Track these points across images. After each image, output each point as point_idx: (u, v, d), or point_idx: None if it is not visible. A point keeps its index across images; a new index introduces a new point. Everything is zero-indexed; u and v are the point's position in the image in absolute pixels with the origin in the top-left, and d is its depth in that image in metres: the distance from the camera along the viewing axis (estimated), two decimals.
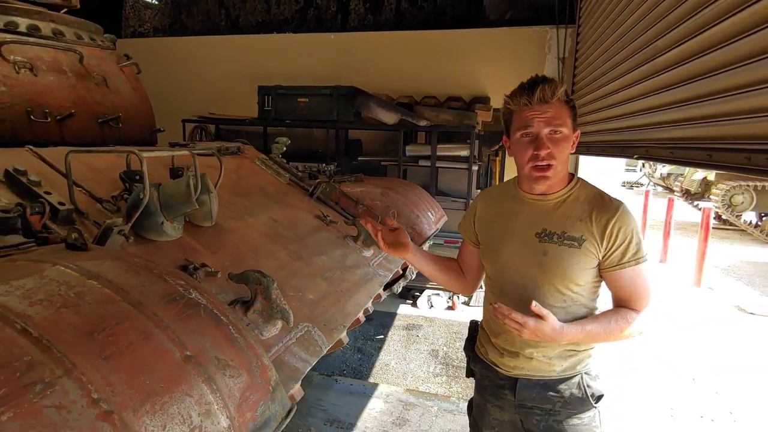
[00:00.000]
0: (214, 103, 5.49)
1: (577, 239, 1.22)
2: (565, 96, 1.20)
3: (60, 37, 2.55)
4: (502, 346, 1.34)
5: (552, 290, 1.25)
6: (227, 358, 0.94)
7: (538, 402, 1.33)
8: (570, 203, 1.27)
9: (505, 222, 1.34)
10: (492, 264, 1.36)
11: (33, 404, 0.63)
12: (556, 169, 1.21)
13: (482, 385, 1.44)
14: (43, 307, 0.77)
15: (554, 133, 1.18)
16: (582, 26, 4.19)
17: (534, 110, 1.18)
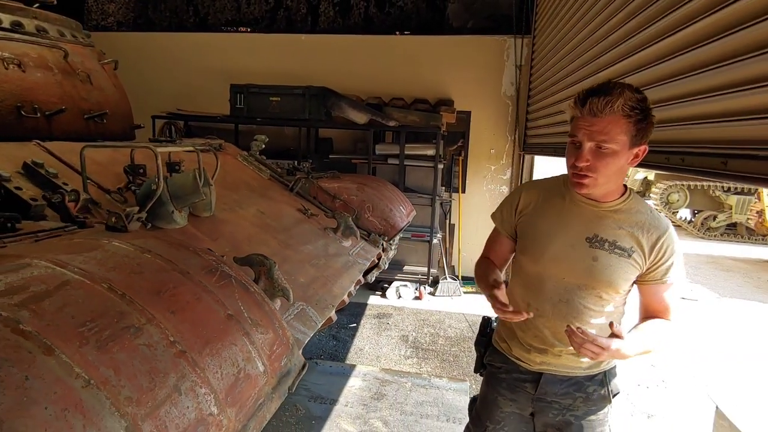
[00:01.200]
0: (182, 99, 5.50)
1: (626, 250, 1.24)
2: (629, 109, 1.13)
3: (44, 34, 2.60)
4: (530, 342, 1.35)
5: (593, 295, 1.27)
6: (257, 318, 1.14)
7: (559, 397, 1.35)
8: (622, 214, 1.27)
9: (553, 219, 1.32)
10: (534, 261, 1.33)
11: (131, 342, 0.81)
12: (597, 182, 1.21)
13: (497, 377, 1.45)
14: (117, 273, 0.95)
15: (599, 148, 1.17)
16: (537, 37, 4.57)
17: (584, 121, 1.17)
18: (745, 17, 1.24)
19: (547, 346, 1.33)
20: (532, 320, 1.30)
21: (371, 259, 2.84)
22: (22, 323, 0.71)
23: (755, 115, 1.19)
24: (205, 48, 5.51)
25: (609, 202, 1.28)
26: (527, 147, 4.78)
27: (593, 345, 1.12)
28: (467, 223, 5.21)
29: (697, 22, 1.49)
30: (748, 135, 1.23)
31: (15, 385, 0.63)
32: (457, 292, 4.88)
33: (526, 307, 1.34)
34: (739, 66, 1.26)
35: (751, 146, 1.22)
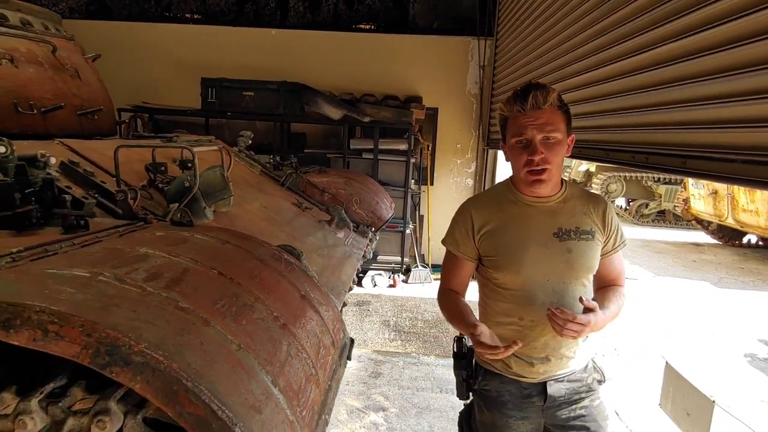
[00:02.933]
0: (144, 92, 5.36)
1: (589, 232, 1.30)
2: (558, 101, 1.23)
3: (29, 28, 2.56)
4: (531, 355, 1.32)
5: (577, 284, 1.31)
6: (320, 298, 1.31)
7: (567, 396, 1.36)
8: (570, 201, 1.33)
9: (517, 228, 1.32)
10: (515, 272, 1.31)
11: (251, 316, 0.97)
12: (551, 173, 1.25)
13: (499, 401, 1.39)
14: (216, 261, 1.09)
15: (547, 139, 1.22)
16: (499, 39, 4.90)
17: (527, 117, 1.22)
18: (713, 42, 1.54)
19: (548, 354, 1.32)
20: (529, 332, 1.30)
21: (363, 248, 3.03)
22: (179, 301, 0.86)
23: (711, 125, 1.50)
24: (169, 40, 5.39)
25: (556, 194, 1.33)
26: (491, 142, 5.13)
27: (574, 324, 1.14)
28: (436, 213, 5.51)
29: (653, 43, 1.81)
30: (705, 140, 1.55)
31: (197, 347, 0.79)
32: (428, 279, 5.18)
33: (518, 321, 1.32)
34: (702, 84, 1.57)
35: (707, 149, 1.53)
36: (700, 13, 1.54)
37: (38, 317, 0.71)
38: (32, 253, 0.97)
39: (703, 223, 8.20)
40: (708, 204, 7.52)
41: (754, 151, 1.31)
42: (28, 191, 1.34)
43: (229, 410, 0.74)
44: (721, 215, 7.20)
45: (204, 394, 0.73)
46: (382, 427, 2.32)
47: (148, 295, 0.85)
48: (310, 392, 1.00)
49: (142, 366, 0.72)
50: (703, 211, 7.73)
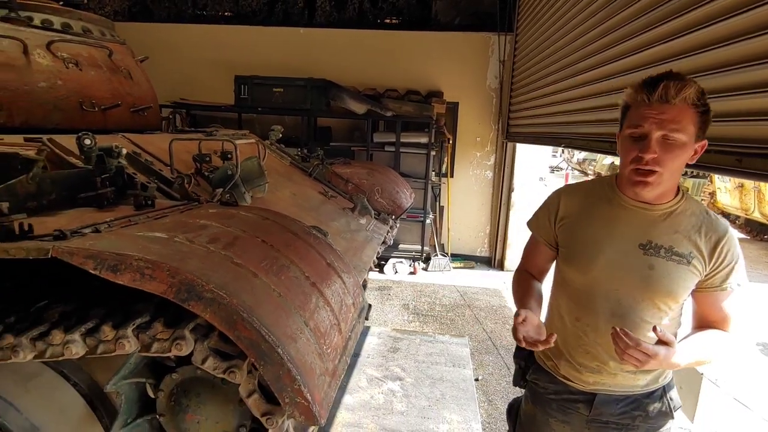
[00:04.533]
0: (181, 89, 5.73)
1: (685, 256, 1.14)
2: (696, 98, 1.04)
3: (89, 35, 2.89)
4: (581, 361, 1.25)
5: (650, 306, 1.17)
6: (342, 267, 1.55)
7: (617, 417, 1.25)
8: (677, 216, 1.16)
9: (599, 227, 1.22)
10: (582, 272, 1.23)
11: (287, 274, 1.22)
12: (661, 178, 1.09)
13: (545, 398, 1.35)
14: (259, 231, 1.35)
15: (667, 138, 1.06)
16: (519, 35, 5.03)
17: (651, 108, 1.07)
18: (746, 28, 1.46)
19: (600, 364, 1.23)
20: (582, 337, 1.23)
21: (383, 235, 3.27)
22: (234, 258, 1.12)
23: None
24: (205, 40, 5.73)
25: (663, 204, 1.17)
26: (510, 135, 5.27)
27: (638, 351, 1.01)
28: (455, 204, 5.69)
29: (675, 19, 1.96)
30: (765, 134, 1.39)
31: (248, 291, 1.04)
32: (447, 268, 5.38)
33: (575, 321, 1.26)
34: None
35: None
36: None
37: (137, 263, 0.98)
38: (120, 223, 1.24)
39: (730, 217, 8.08)
40: (734, 198, 7.43)
41: None
42: (104, 176, 1.63)
43: (273, 336, 0.99)
44: (747, 209, 7.11)
45: (255, 323, 0.98)
46: (399, 394, 2.56)
47: (211, 253, 1.11)
48: (333, 337, 1.25)
49: (211, 301, 0.97)
50: (729, 204, 7.63)
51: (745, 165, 1.45)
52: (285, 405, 1.01)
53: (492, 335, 3.69)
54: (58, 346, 1.09)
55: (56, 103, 2.46)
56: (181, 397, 1.23)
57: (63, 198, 1.51)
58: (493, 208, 5.72)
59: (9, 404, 1.25)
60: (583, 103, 2.95)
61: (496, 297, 4.61)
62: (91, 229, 1.14)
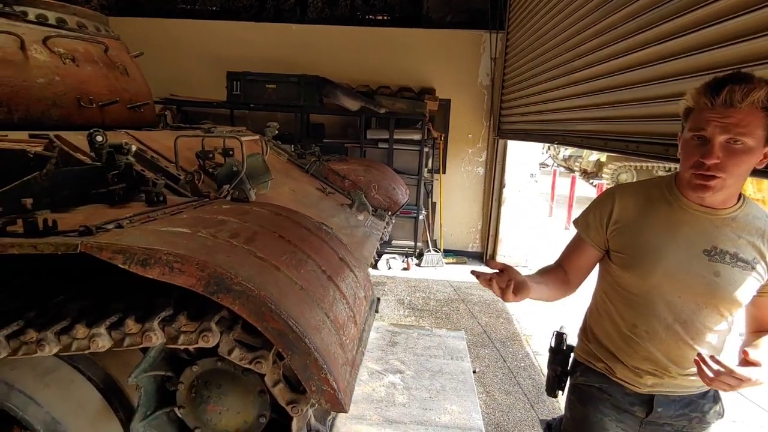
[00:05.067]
0: (171, 85, 5.67)
1: (749, 262, 1.11)
2: (767, 101, 0.99)
3: (85, 30, 2.86)
4: (639, 366, 1.23)
5: (713, 313, 1.15)
6: (353, 262, 1.59)
7: (674, 419, 1.24)
8: (741, 221, 1.14)
9: (661, 230, 1.18)
10: (643, 278, 1.19)
11: (306, 268, 1.26)
12: (724, 183, 1.06)
13: (597, 397, 1.31)
14: (275, 227, 1.38)
15: (732, 142, 1.02)
16: (510, 32, 5.10)
17: (714, 112, 1.02)
18: None
19: (660, 369, 1.20)
20: (640, 343, 1.21)
21: (381, 231, 3.31)
22: (257, 252, 1.15)
23: None
24: (195, 35, 5.68)
25: (726, 208, 1.13)
26: (501, 132, 5.35)
27: (731, 378, 0.97)
28: (447, 201, 5.76)
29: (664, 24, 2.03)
30: None
31: (273, 284, 1.08)
32: (440, 263, 5.45)
33: (632, 328, 1.23)
34: (679, 82, 1.80)
35: None
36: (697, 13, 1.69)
37: (167, 258, 1.00)
38: (140, 219, 1.26)
39: None
40: None
41: None
42: (113, 173, 1.64)
43: (300, 327, 1.02)
44: None
45: (283, 314, 1.01)
46: (399, 386, 2.61)
47: (234, 247, 1.14)
48: (350, 328, 1.29)
49: (240, 293, 1.01)
50: None
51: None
52: (312, 393, 1.04)
53: (487, 329, 3.77)
54: (84, 340, 1.11)
55: (55, 99, 2.44)
56: (202, 389, 1.26)
57: (75, 194, 1.51)
58: (485, 204, 5.81)
59: (29, 399, 1.27)
60: (576, 101, 3.02)
61: (489, 291, 4.66)
62: (114, 225, 1.16)
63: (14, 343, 1.14)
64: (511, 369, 3.14)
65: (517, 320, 4.02)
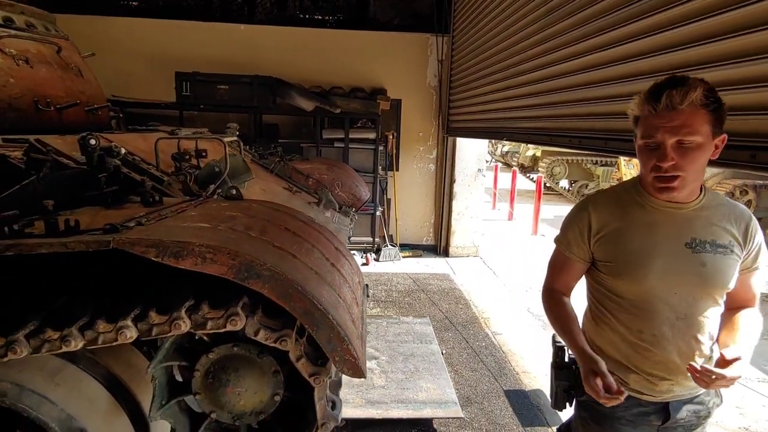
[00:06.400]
0: (113, 86, 5.42)
1: (727, 246, 1.17)
2: (705, 98, 1.05)
3: (34, 30, 2.76)
4: (652, 372, 1.23)
5: (710, 302, 1.19)
6: (345, 252, 1.73)
7: (687, 419, 1.26)
8: (708, 210, 1.19)
9: (643, 234, 1.20)
10: (637, 283, 1.20)
11: (313, 256, 1.38)
12: (685, 181, 1.11)
13: (612, 416, 1.28)
14: (278, 220, 1.48)
15: (683, 143, 1.07)
16: (456, 36, 5.40)
17: (659, 117, 1.08)
18: None
19: (673, 371, 1.21)
20: (649, 348, 1.22)
21: (347, 226, 3.44)
22: (273, 242, 1.26)
23: None
24: (138, 34, 5.47)
25: (693, 201, 1.19)
26: (450, 130, 5.65)
27: (725, 380, 1.06)
28: (401, 197, 5.98)
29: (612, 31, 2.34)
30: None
31: (294, 269, 1.19)
32: (397, 257, 5.66)
33: (638, 334, 1.23)
34: (612, 85, 2.09)
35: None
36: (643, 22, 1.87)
37: (199, 249, 1.09)
38: (153, 218, 1.32)
39: None
40: None
41: None
42: (101, 175, 1.65)
43: (322, 305, 1.15)
44: None
45: (308, 294, 1.14)
46: (377, 371, 2.77)
47: (253, 239, 1.24)
48: (355, 308, 1.43)
49: (268, 278, 1.12)
50: None
51: (759, 159, 1.45)
52: (335, 363, 1.18)
53: (448, 314, 4.02)
54: (111, 333, 1.17)
55: (10, 102, 2.36)
56: (220, 374, 1.35)
57: (68, 197, 1.52)
58: (437, 198, 6.09)
59: (43, 397, 1.30)
60: (521, 101, 3.33)
61: (446, 281, 4.96)
62: (135, 223, 1.22)
63: (35, 341, 1.17)
64: (474, 349, 3.40)
65: (475, 305, 4.31)
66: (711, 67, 1.56)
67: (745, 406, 2.81)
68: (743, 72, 1.47)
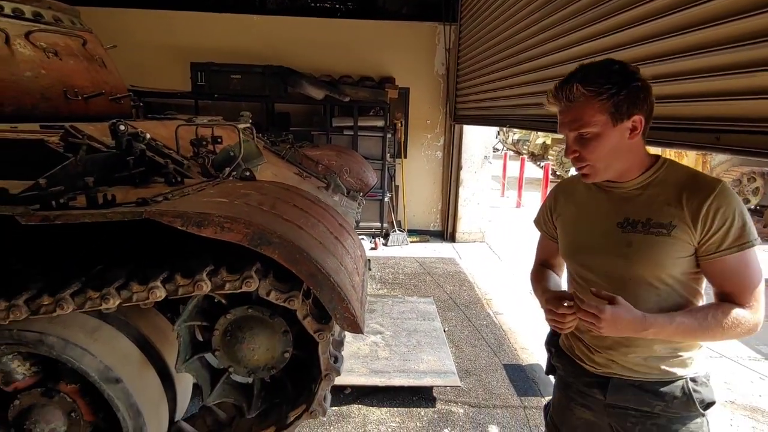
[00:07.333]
0: (131, 76, 5.63)
1: (665, 225, 1.09)
2: (594, 87, 1.04)
3: (61, 24, 2.94)
4: (590, 342, 1.24)
5: (644, 285, 1.13)
6: (348, 227, 1.89)
7: (633, 403, 1.20)
8: (654, 188, 1.13)
9: (582, 214, 1.25)
10: (573, 260, 1.26)
11: (318, 229, 1.55)
12: (594, 168, 1.12)
13: (566, 382, 1.34)
14: (287, 198, 1.65)
15: (582, 135, 1.09)
16: (463, 25, 5.47)
17: (561, 114, 1.11)
18: None
19: (609, 346, 1.20)
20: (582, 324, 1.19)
21: (355, 210, 3.61)
22: (283, 215, 1.43)
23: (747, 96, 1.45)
24: (155, 25, 5.66)
25: (634, 179, 1.15)
26: (457, 118, 5.75)
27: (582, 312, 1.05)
28: (409, 183, 6.12)
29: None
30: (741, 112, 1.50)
31: (301, 238, 1.36)
32: (405, 242, 5.82)
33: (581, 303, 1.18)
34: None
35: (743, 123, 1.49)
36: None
37: (218, 219, 1.27)
38: (176, 194, 1.50)
39: None
40: None
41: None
42: (129, 158, 1.83)
43: (325, 269, 1.32)
44: None
45: (313, 259, 1.31)
46: (381, 344, 2.95)
47: (265, 212, 1.41)
48: (355, 276, 1.59)
49: (278, 244, 1.29)
50: None
51: (723, 141, 1.50)
52: (336, 320, 1.35)
53: (452, 295, 4.18)
54: (143, 292, 1.36)
55: (42, 92, 2.55)
56: (236, 332, 1.53)
57: (102, 177, 1.70)
58: (444, 185, 6.22)
59: (84, 350, 1.49)
60: (525, 88, 3.43)
61: (451, 264, 5.12)
62: (162, 198, 1.39)
63: (79, 299, 1.36)
64: (476, 327, 3.56)
65: (478, 287, 4.47)
66: (683, 57, 1.67)
67: (734, 381, 2.93)
68: (708, 61, 1.56)
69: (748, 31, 1.40)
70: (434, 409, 2.55)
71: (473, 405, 2.60)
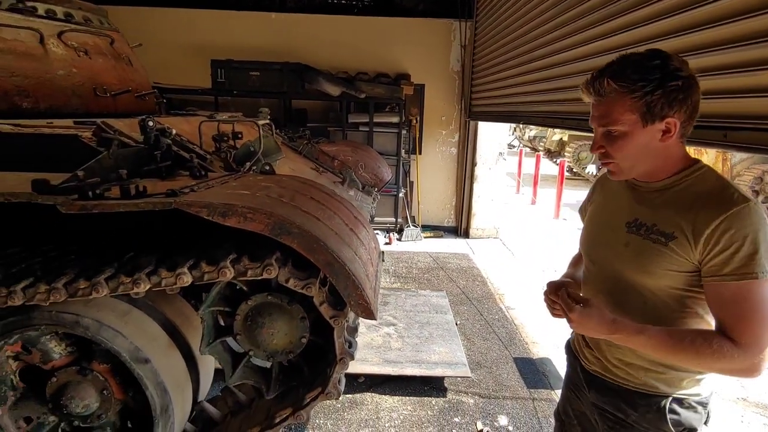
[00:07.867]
0: (154, 73, 5.78)
1: (666, 235, 1.04)
2: (628, 82, 0.98)
3: (90, 24, 3.07)
4: (587, 339, 1.26)
5: (631, 289, 1.12)
6: (364, 221, 1.96)
7: (610, 407, 1.20)
8: (675, 193, 1.06)
9: (605, 207, 1.25)
10: (583, 252, 1.29)
11: (334, 221, 1.62)
12: (618, 166, 1.08)
13: (567, 373, 1.39)
14: (305, 191, 1.73)
15: (609, 132, 1.04)
16: (479, 21, 5.49)
17: (593, 106, 1.07)
18: None
19: (596, 343, 1.21)
20: None
21: (370, 205, 3.69)
22: (301, 207, 1.51)
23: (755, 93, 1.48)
24: (176, 23, 5.80)
25: (656, 181, 1.09)
26: (472, 114, 5.77)
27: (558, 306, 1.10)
28: (424, 179, 6.18)
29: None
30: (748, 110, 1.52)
31: (318, 229, 1.44)
32: (419, 237, 5.88)
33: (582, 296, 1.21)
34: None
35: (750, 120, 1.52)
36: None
37: (242, 210, 1.35)
38: (202, 186, 1.59)
39: None
40: None
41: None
42: (157, 153, 1.93)
43: (341, 258, 1.40)
44: None
45: (329, 248, 1.38)
46: (394, 336, 3.03)
47: (285, 204, 1.49)
48: (369, 267, 1.67)
49: (298, 234, 1.37)
50: None
51: (730, 139, 1.53)
52: (351, 306, 1.42)
53: (465, 290, 4.23)
54: (171, 278, 1.45)
55: (74, 89, 2.68)
56: (257, 317, 1.62)
57: (132, 170, 1.81)
58: (458, 181, 6.25)
59: (116, 332, 1.59)
60: (540, 85, 3.45)
61: (465, 260, 5.17)
62: (188, 189, 1.48)
63: (113, 283, 1.46)
64: (488, 321, 3.61)
65: (491, 283, 4.51)
66: (691, 55, 1.69)
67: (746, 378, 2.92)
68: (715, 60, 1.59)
69: (755, 30, 1.42)
70: (445, 398, 2.62)
71: (483, 396, 2.66)
